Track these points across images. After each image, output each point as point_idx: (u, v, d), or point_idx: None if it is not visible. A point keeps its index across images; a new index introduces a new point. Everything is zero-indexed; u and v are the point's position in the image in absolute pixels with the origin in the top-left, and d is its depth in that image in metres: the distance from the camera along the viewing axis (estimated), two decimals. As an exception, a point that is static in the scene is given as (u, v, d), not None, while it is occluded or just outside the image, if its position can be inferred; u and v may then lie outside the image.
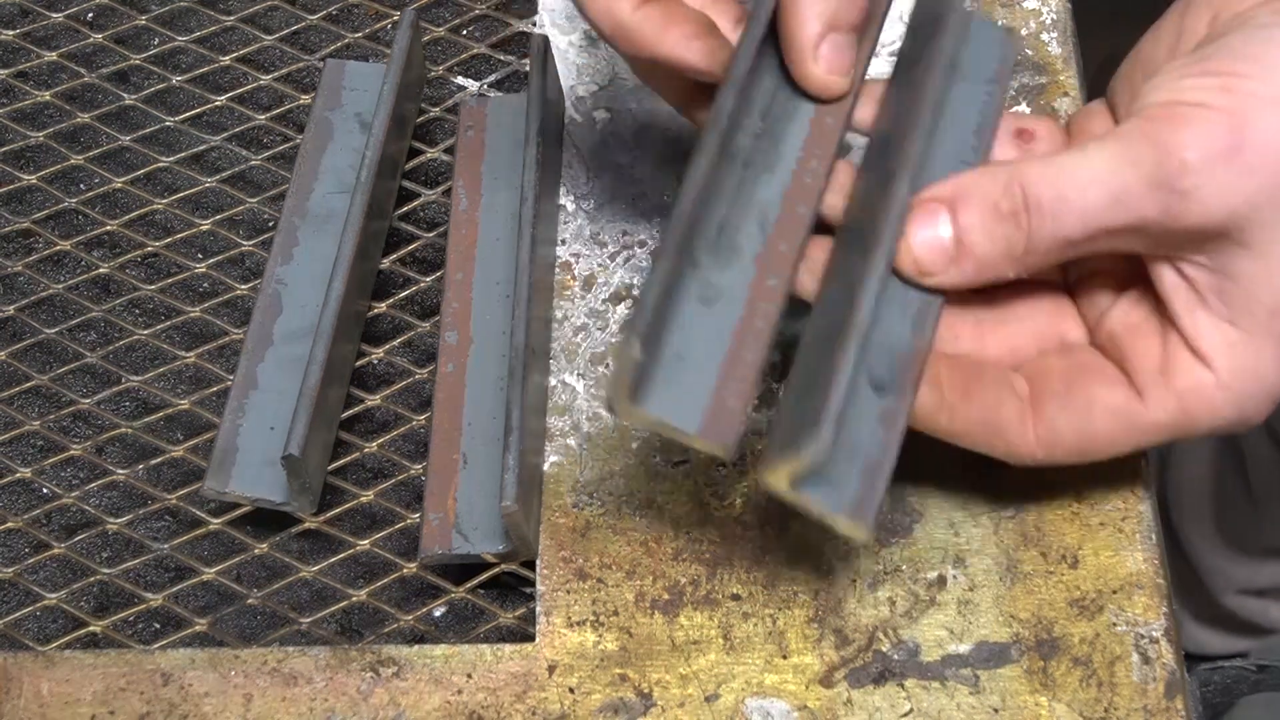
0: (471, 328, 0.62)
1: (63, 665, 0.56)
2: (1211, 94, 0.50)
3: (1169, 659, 0.55)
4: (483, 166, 0.66)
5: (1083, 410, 0.53)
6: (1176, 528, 1.25)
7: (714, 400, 0.50)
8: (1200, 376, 0.52)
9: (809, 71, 0.53)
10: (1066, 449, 0.53)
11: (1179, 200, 0.50)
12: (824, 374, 0.49)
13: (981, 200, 0.51)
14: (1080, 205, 0.50)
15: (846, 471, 0.50)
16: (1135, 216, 0.50)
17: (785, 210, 0.53)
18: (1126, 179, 0.50)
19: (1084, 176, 0.50)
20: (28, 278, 0.66)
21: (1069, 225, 0.51)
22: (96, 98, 0.70)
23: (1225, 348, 0.51)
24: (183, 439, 0.62)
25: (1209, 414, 0.52)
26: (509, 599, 0.59)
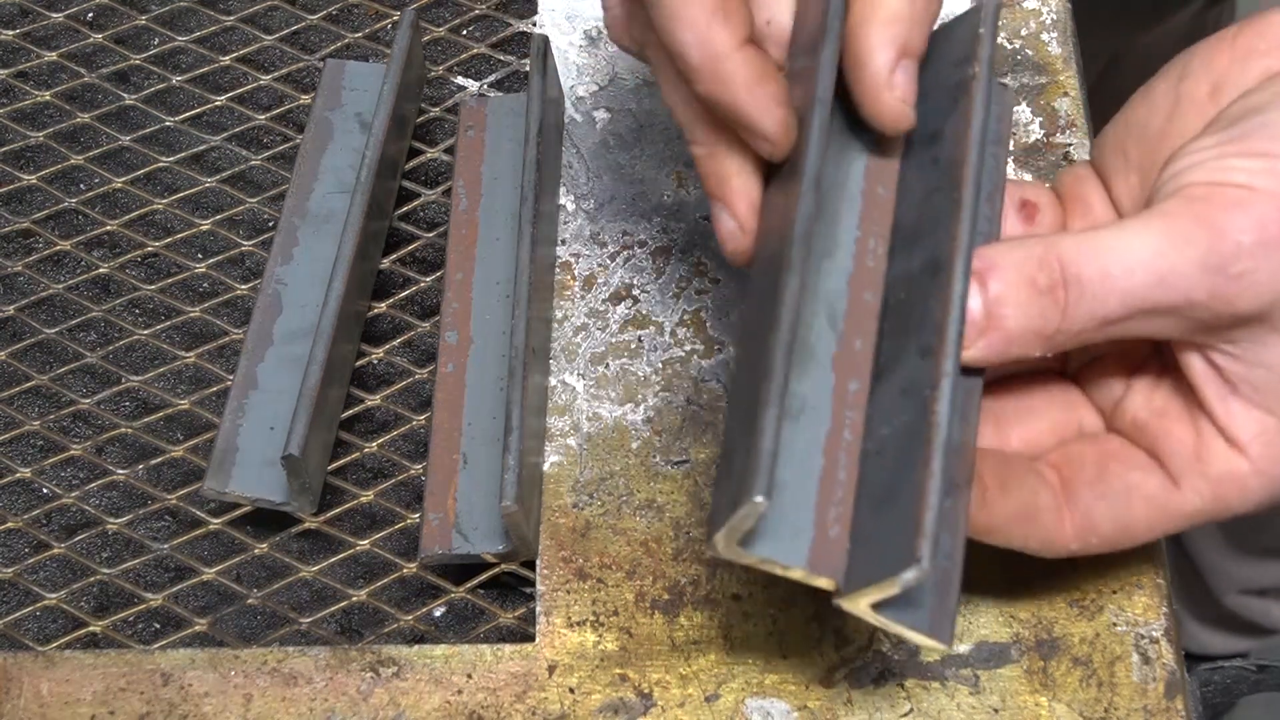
0: (471, 328, 0.62)
1: (63, 665, 0.56)
2: (1258, 177, 0.49)
3: (1169, 659, 0.55)
4: (483, 166, 0.66)
5: (1121, 497, 0.52)
6: None
7: (816, 529, 0.48)
8: (1236, 464, 0.51)
9: (884, 100, 0.50)
10: (1103, 537, 0.52)
11: (1230, 284, 0.48)
12: (906, 491, 0.47)
13: (1017, 272, 0.49)
14: (1125, 284, 0.49)
15: (922, 587, 0.48)
16: (1182, 298, 0.49)
17: (853, 301, 0.50)
18: (1175, 260, 0.48)
19: (1130, 255, 0.49)
20: (28, 278, 0.66)
21: (1111, 304, 0.49)
22: (96, 98, 0.70)
23: (1260, 435, 0.51)
24: (183, 439, 0.62)
25: (1241, 499, 0.52)
26: (509, 599, 0.59)
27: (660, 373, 0.61)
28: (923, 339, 0.49)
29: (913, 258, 0.50)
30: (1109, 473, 0.52)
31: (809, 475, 0.48)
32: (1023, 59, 0.67)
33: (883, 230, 0.51)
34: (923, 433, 0.47)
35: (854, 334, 0.50)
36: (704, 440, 0.60)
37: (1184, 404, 0.52)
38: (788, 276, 0.47)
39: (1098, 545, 0.52)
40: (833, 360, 0.49)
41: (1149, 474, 0.52)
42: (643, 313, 0.63)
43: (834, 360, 0.49)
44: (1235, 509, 0.52)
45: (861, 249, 0.51)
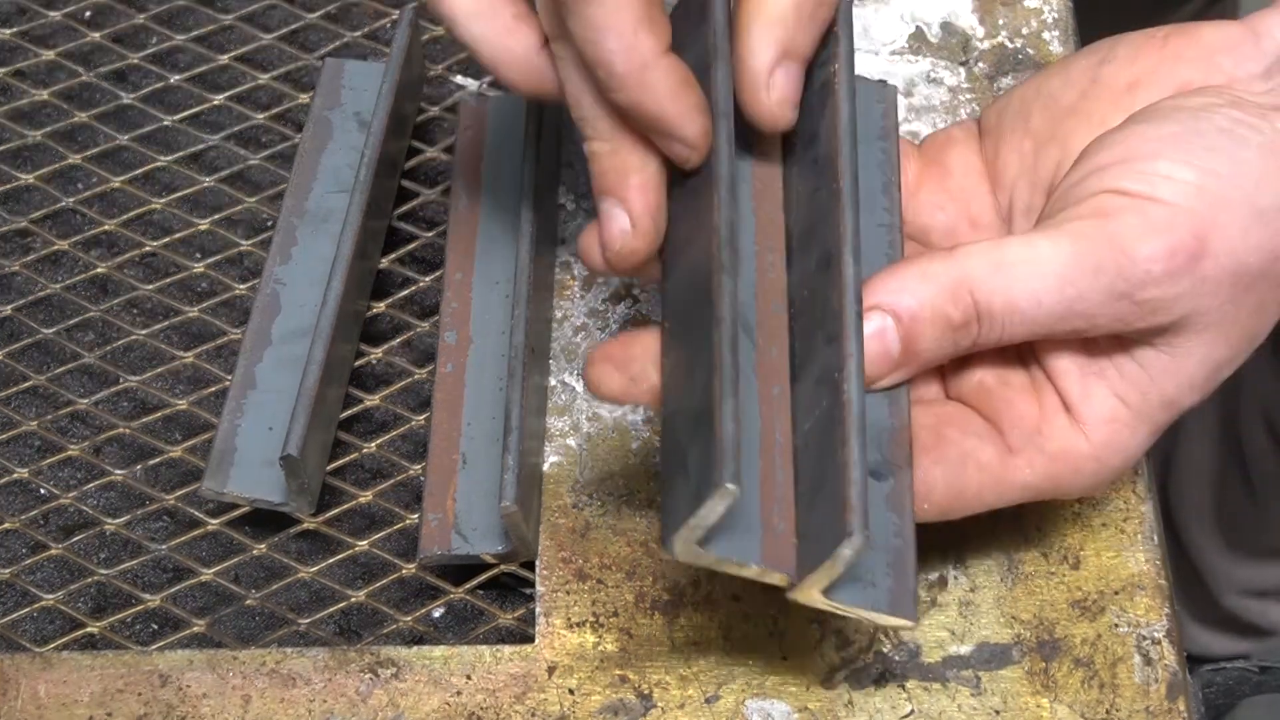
0: (471, 328, 0.62)
1: (60, 666, 0.56)
2: (1186, 194, 0.49)
3: (1171, 660, 0.55)
4: (482, 166, 0.65)
5: (956, 464, 0.51)
6: (1179, 529, 1.24)
7: (765, 528, 0.48)
8: (1076, 443, 0.52)
9: (762, 101, 0.50)
10: (935, 504, 0.52)
11: (1135, 309, 0.50)
12: (831, 475, 0.48)
13: (931, 311, 0.50)
14: (1033, 314, 0.50)
15: (873, 566, 0.49)
16: (1086, 324, 0.50)
17: (761, 312, 0.51)
18: (1083, 288, 0.49)
19: (1038, 284, 0.49)
20: (25, 277, 0.65)
21: (1018, 333, 0.50)
22: (94, 97, 0.69)
23: (1106, 421, 0.51)
24: (181, 439, 0.62)
25: (1073, 480, 0.52)
26: (508, 600, 0.59)
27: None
28: (827, 328, 0.50)
29: (809, 258, 0.51)
30: (945, 439, 0.52)
31: (751, 478, 0.49)
32: (1024, 58, 0.67)
33: (776, 243, 0.53)
34: (837, 414, 0.48)
35: (769, 343, 0.51)
36: (704, 440, 0.60)
37: (1030, 377, 0.53)
38: (722, 277, 0.48)
39: (929, 512, 0.52)
40: (755, 368, 0.50)
41: (985, 442, 0.52)
42: (643, 313, 0.63)
43: (756, 368, 0.50)
44: (1065, 489, 0.52)
45: (762, 262, 0.52)
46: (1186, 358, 0.51)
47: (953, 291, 0.50)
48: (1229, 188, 0.50)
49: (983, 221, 0.56)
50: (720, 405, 0.47)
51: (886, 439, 0.51)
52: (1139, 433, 0.52)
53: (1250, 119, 0.51)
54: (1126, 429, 0.52)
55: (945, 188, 0.57)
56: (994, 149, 0.56)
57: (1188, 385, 0.51)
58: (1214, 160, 0.50)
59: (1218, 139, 0.50)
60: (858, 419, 0.48)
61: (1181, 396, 0.52)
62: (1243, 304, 0.51)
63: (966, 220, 0.56)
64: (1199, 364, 0.51)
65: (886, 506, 0.50)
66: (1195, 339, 0.51)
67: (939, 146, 0.57)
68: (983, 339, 0.51)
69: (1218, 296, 0.50)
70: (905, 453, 0.51)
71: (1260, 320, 0.52)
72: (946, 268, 0.50)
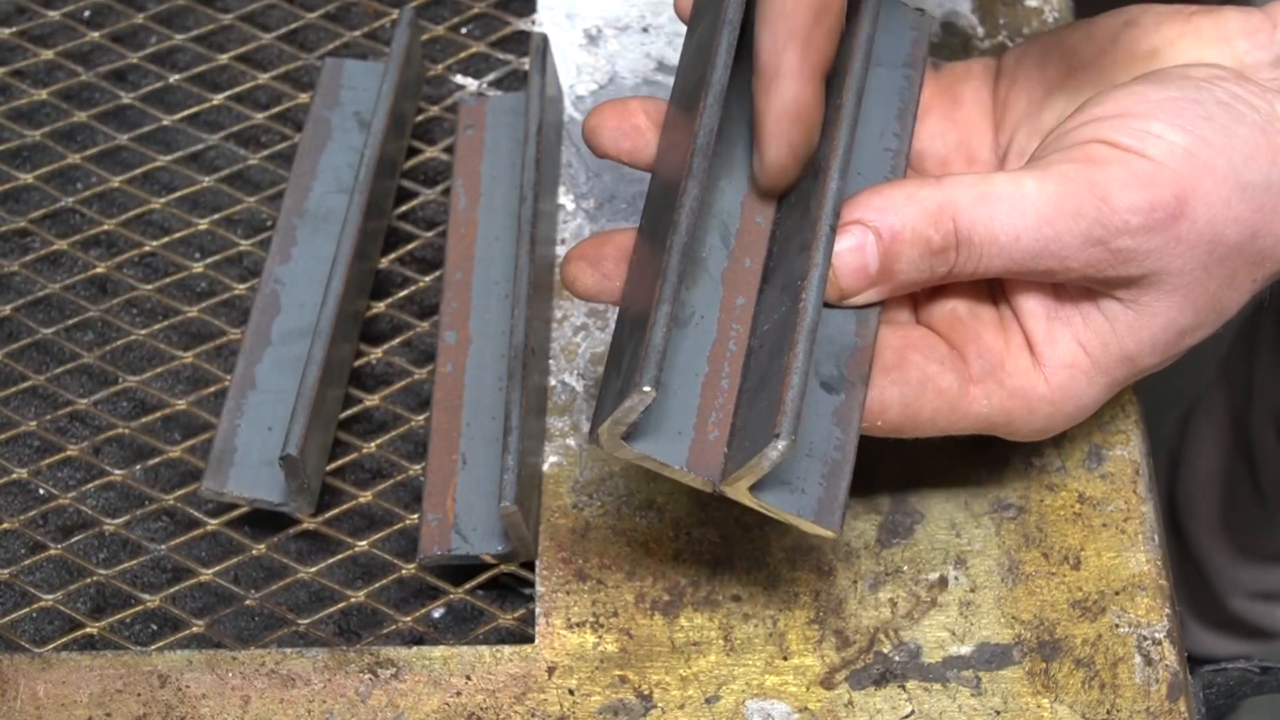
0: (470, 328, 0.62)
1: (59, 667, 0.56)
2: (1172, 154, 0.50)
3: (1172, 661, 0.55)
4: (482, 166, 0.65)
5: (915, 386, 0.52)
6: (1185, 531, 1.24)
7: (697, 432, 0.50)
8: (1034, 383, 0.53)
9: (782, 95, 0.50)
10: (889, 421, 0.52)
11: (1108, 257, 0.50)
12: (774, 377, 0.49)
13: (912, 232, 0.51)
14: (1010, 250, 0.51)
15: (806, 474, 0.50)
16: (1060, 265, 0.51)
17: (745, 222, 0.53)
18: (1060, 229, 0.50)
19: (1018, 220, 0.50)
20: (24, 277, 0.65)
21: (994, 265, 0.51)
22: (94, 96, 0.69)
23: (1066, 367, 0.52)
24: (180, 439, 0.62)
25: (1024, 420, 0.53)
26: (508, 600, 0.59)
27: (660, 373, 0.61)
28: (802, 237, 0.51)
29: (803, 175, 0.52)
30: (907, 361, 0.53)
31: (692, 381, 0.50)
32: (1024, 58, 0.67)
33: None
34: (791, 320, 0.49)
35: (744, 252, 0.52)
36: (704, 440, 0.60)
37: (999, 314, 0.54)
38: (687, 183, 0.49)
39: (882, 428, 0.52)
40: (722, 275, 0.52)
41: (947, 369, 0.53)
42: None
43: (723, 275, 0.52)
44: (1016, 428, 0.53)
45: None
46: (1151, 317, 0.52)
47: (936, 215, 0.51)
48: (1218, 157, 0.50)
49: (979, 157, 0.57)
50: (655, 309, 0.48)
51: (847, 355, 0.51)
52: (1095, 383, 0.53)
53: (1251, 97, 0.51)
54: (1084, 377, 0.53)
55: (951, 117, 0.58)
56: (1006, 90, 0.57)
57: (1149, 344, 0.52)
58: (1207, 129, 0.50)
59: (1215, 109, 0.51)
60: (809, 328, 0.49)
61: (1142, 355, 0.52)
62: (1214, 273, 0.51)
63: (964, 153, 0.57)
64: (1163, 325, 0.52)
65: (833, 420, 0.50)
66: (1162, 299, 0.51)
67: (955, 76, 0.58)
68: (959, 268, 0.51)
69: (1190, 260, 0.50)
70: (863, 371, 0.51)
71: (1231, 294, 0.52)
72: (932, 192, 0.51)
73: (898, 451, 0.59)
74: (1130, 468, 0.59)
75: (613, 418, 0.48)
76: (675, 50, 0.68)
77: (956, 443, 0.59)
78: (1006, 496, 0.58)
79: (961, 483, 0.59)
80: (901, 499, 0.58)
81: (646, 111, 0.54)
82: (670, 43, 0.68)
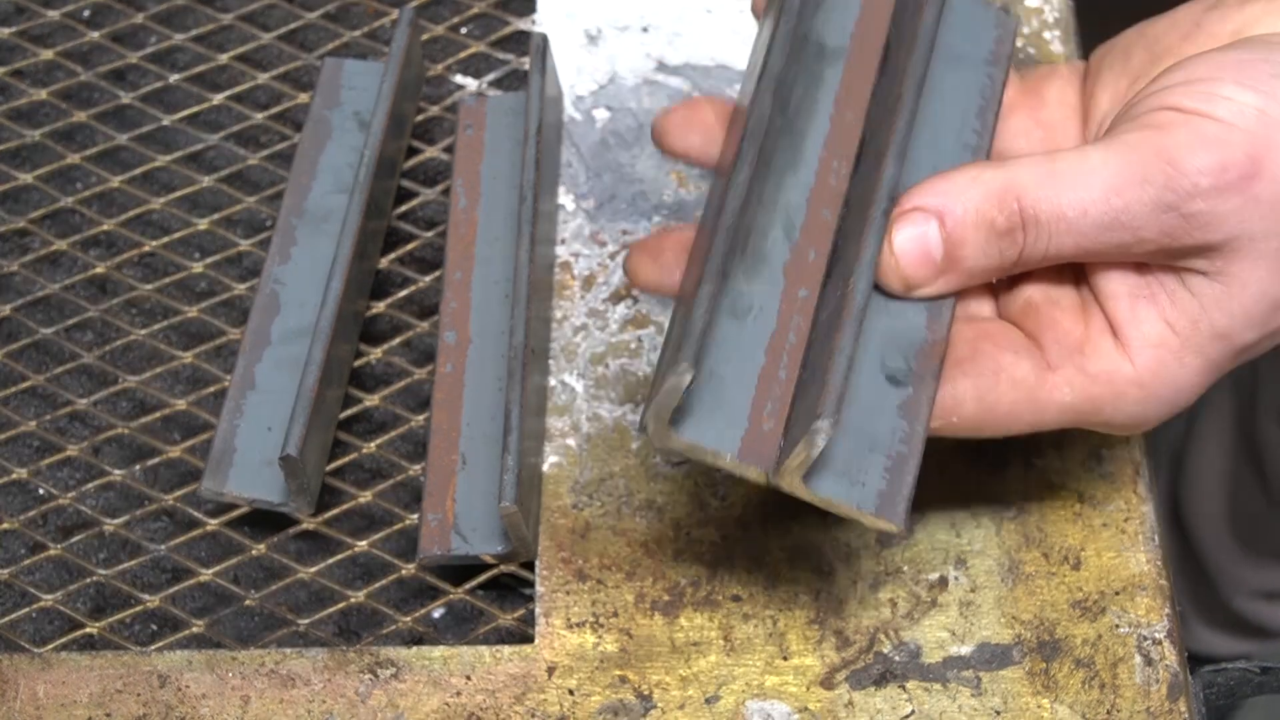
0: (470, 327, 0.62)
1: (59, 667, 0.56)
2: (1243, 114, 0.48)
3: (1172, 661, 0.55)
4: (482, 165, 0.65)
5: (988, 376, 0.51)
6: (1188, 529, 1.24)
7: (750, 422, 0.49)
8: (1119, 366, 0.50)
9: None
10: (964, 417, 0.51)
11: (1182, 223, 0.48)
12: (822, 363, 0.48)
13: (976, 215, 0.50)
14: (1079, 225, 0.49)
15: (868, 467, 0.49)
16: (1133, 237, 0.49)
17: (811, 215, 0.52)
18: (1130, 199, 0.48)
19: (1085, 194, 0.49)
20: (24, 277, 0.65)
21: (1065, 244, 0.49)
22: (93, 96, 0.69)
23: (1153, 346, 0.50)
24: (180, 439, 0.62)
25: (1113, 406, 0.51)
26: (508, 600, 0.59)
27: (660, 373, 0.61)
28: (859, 228, 0.51)
29: (867, 164, 0.52)
30: (980, 352, 0.51)
31: (749, 372, 0.49)
32: (1025, 58, 0.67)
33: (847, 150, 0.53)
34: (839, 306, 0.49)
35: (808, 245, 0.52)
36: (704, 440, 0.60)
37: (1080, 298, 0.52)
38: (739, 165, 0.50)
39: (959, 426, 0.51)
40: (785, 268, 0.51)
41: (1022, 357, 0.51)
42: (643, 313, 0.63)
43: (786, 268, 0.51)
44: (1107, 416, 0.51)
45: (825, 167, 0.53)
46: (1240, 288, 0.49)
47: (1000, 196, 0.49)
48: None
49: None
50: (698, 289, 0.48)
51: (916, 349, 0.51)
52: (1188, 364, 0.50)
53: None
54: (1174, 358, 0.50)
55: (1036, 117, 0.56)
56: (1092, 87, 0.56)
57: (1242, 318, 0.50)
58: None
59: None
60: (857, 310, 0.48)
61: (1236, 331, 0.50)
62: None
63: (1048, 152, 0.56)
64: (1254, 297, 0.49)
65: (899, 413, 0.50)
66: (1249, 268, 0.49)
67: (1041, 77, 0.57)
68: (1029, 251, 0.50)
69: (1272, 222, 0.48)
70: (933, 365, 0.50)
71: None
72: (996, 174, 0.50)
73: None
74: (1130, 468, 0.59)
75: (655, 403, 0.47)
76: (675, 50, 0.68)
77: (957, 443, 0.59)
78: (1007, 496, 0.58)
79: (961, 483, 0.59)
80: (901, 499, 0.58)
81: (715, 110, 0.55)
82: (670, 43, 0.68)
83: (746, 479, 0.49)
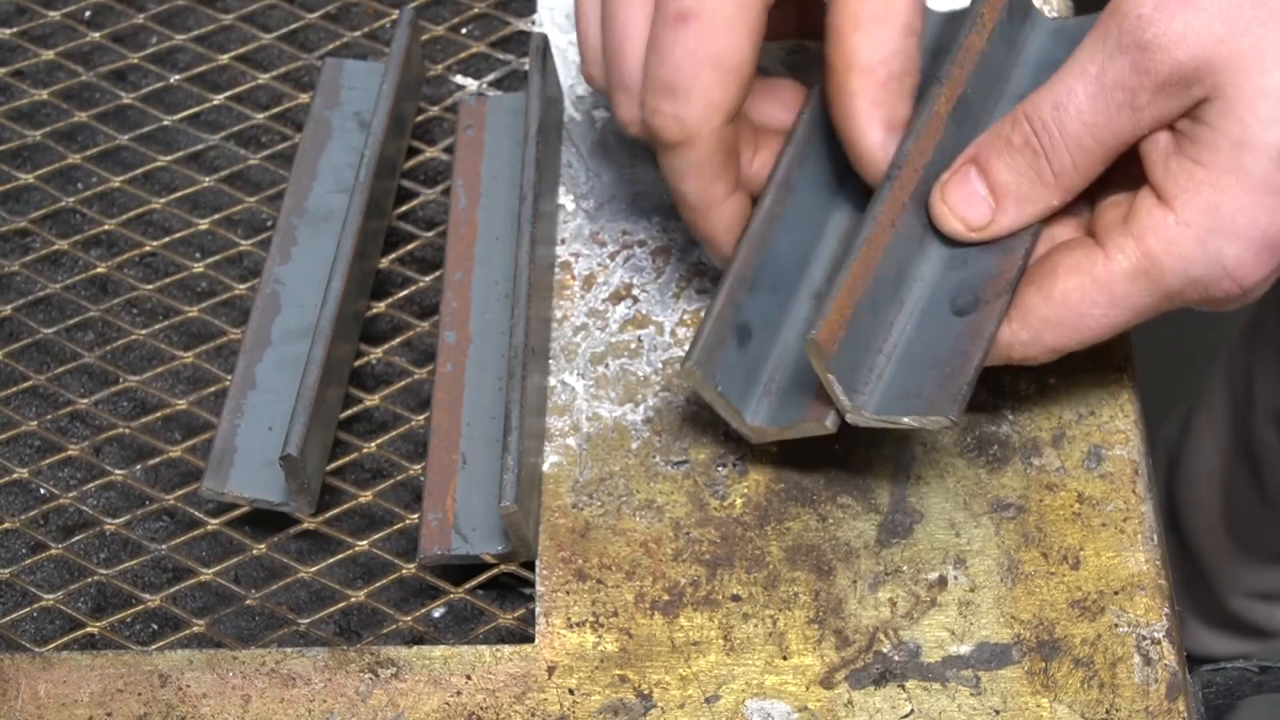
0: (470, 328, 0.62)
1: (60, 666, 0.56)
2: None
3: (1171, 660, 0.55)
4: (482, 166, 0.65)
5: (1047, 275, 0.54)
6: (1185, 530, 1.24)
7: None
8: (1159, 217, 0.52)
9: (872, 172, 0.56)
10: (1040, 319, 0.53)
11: (1146, 54, 0.51)
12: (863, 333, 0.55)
13: (994, 142, 0.55)
14: (1074, 106, 0.53)
15: (926, 380, 0.53)
16: (1120, 90, 0.52)
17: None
18: (1099, 56, 0.52)
19: (1068, 78, 0.53)
20: (25, 277, 0.65)
21: (1074, 130, 0.53)
22: (94, 96, 0.69)
23: (1188, 186, 0.52)
24: (181, 439, 0.62)
25: (1172, 255, 0.52)
26: (508, 600, 0.59)
27: (660, 373, 0.61)
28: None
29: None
30: (1043, 261, 0.54)
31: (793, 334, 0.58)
32: (1024, 58, 0.67)
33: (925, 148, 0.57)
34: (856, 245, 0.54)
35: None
36: (704, 440, 0.60)
37: (1130, 189, 0.54)
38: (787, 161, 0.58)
39: (1039, 334, 0.54)
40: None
41: (1074, 248, 0.54)
42: (643, 313, 0.63)
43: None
44: (1168, 267, 0.52)
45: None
46: (1236, 91, 0.51)
47: (1011, 119, 0.55)
48: None
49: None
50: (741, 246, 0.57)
51: (982, 281, 0.55)
52: (1226, 185, 0.51)
53: None
54: (1210, 185, 0.51)
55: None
56: None
57: (1253, 119, 0.51)
58: None
59: None
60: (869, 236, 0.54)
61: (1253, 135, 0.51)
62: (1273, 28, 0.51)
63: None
64: (1256, 94, 0.51)
65: (962, 334, 0.54)
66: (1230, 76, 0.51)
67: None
68: (1052, 154, 0.54)
69: (1229, 28, 0.51)
70: (999, 288, 0.54)
71: None
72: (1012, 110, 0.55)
73: (897, 451, 0.59)
74: (1130, 468, 0.59)
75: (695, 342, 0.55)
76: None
77: (956, 443, 0.59)
78: (1006, 496, 0.58)
79: (961, 482, 0.59)
80: (901, 499, 0.59)
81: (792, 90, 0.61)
82: (670, 43, 0.68)
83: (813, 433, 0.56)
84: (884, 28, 0.55)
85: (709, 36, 0.53)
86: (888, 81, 0.55)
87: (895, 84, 0.55)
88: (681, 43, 0.53)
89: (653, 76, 0.54)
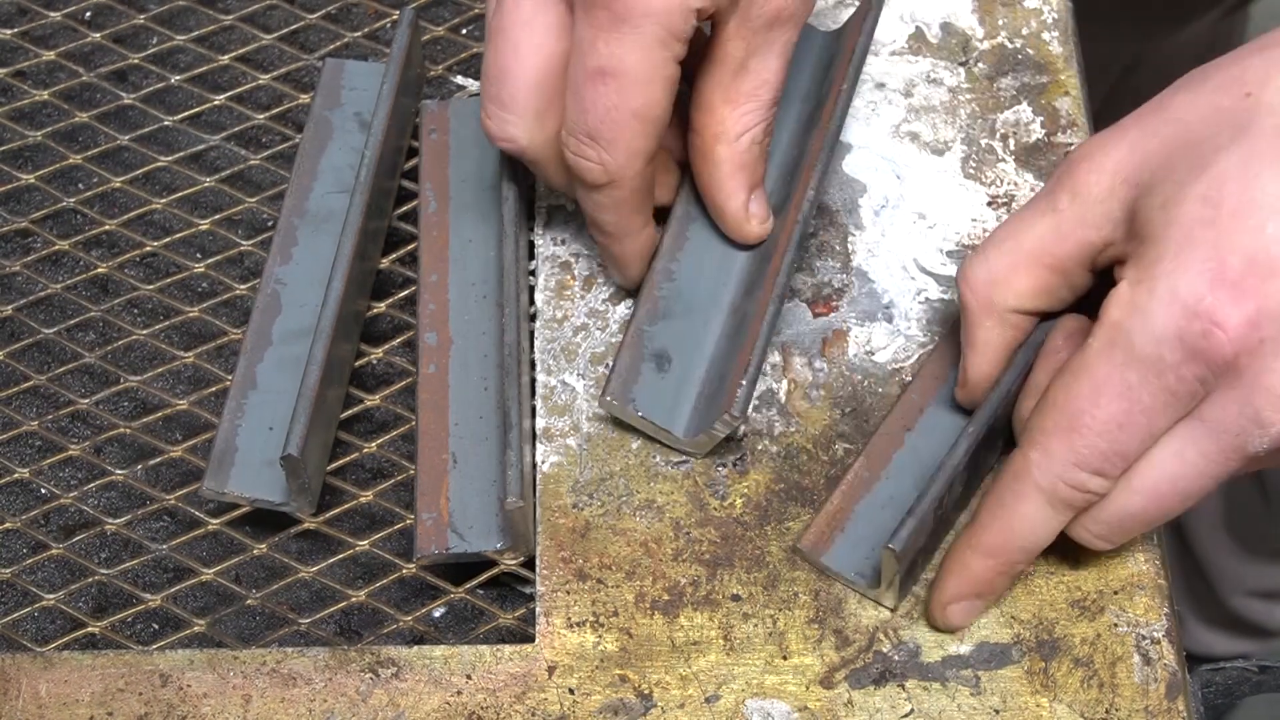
0: (450, 328, 0.62)
1: (61, 666, 0.56)
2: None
3: (1170, 660, 0.55)
4: (449, 169, 0.65)
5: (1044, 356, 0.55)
6: (1186, 529, 1.24)
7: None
8: (1114, 293, 0.52)
9: (748, 232, 0.60)
10: (1040, 431, 0.53)
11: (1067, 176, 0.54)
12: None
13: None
14: (1001, 244, 0.55)
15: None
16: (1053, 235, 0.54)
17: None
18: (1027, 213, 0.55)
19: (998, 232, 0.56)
20: (26, 277, 0.66)
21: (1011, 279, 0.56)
22: (95, 97, 0.69)
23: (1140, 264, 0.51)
24: (181, 439, 0.62)
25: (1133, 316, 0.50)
26: (508, 599, 0.59)
27: (660, 373, 0.61)
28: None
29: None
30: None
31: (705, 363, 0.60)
32: (1024, 58, 0.67)
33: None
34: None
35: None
36: (704, 440, 0.60)
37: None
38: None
39: (1049, 449, 0.53)
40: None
41: (1057, 337, 0.56)
42: (642, 312, 0.63)
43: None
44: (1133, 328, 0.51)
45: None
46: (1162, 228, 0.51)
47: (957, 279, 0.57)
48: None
49: None
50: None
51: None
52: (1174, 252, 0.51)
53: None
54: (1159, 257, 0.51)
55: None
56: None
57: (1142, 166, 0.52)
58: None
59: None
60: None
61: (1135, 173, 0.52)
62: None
63: None
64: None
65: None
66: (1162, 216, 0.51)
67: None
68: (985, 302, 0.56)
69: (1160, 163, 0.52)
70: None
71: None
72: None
73: (897, 451, 0.59)
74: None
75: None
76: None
77: (956, 442, 0.59)
78: (1005, 496, 0.58)
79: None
80: (901, 498, 0.59)
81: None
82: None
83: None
84: (753, 101, 0.58)
85: (630, 93, 0.55)
86: (750, 147, 0.58)
87: (757, 148, 0.59)
88: (604, 97, 0.55)
89: (575, 123, 0.56)
